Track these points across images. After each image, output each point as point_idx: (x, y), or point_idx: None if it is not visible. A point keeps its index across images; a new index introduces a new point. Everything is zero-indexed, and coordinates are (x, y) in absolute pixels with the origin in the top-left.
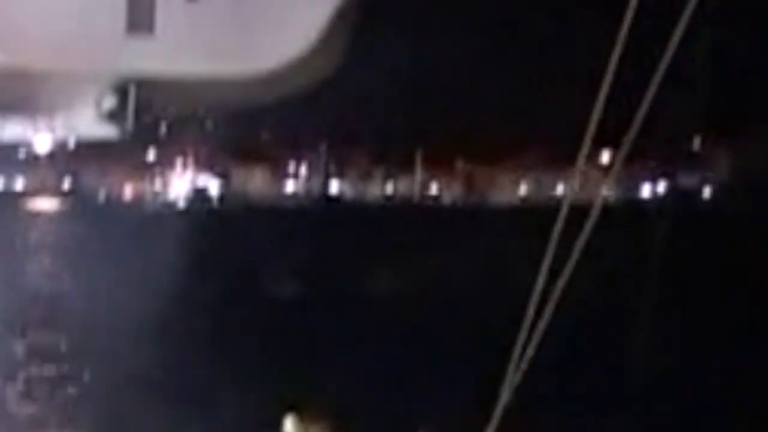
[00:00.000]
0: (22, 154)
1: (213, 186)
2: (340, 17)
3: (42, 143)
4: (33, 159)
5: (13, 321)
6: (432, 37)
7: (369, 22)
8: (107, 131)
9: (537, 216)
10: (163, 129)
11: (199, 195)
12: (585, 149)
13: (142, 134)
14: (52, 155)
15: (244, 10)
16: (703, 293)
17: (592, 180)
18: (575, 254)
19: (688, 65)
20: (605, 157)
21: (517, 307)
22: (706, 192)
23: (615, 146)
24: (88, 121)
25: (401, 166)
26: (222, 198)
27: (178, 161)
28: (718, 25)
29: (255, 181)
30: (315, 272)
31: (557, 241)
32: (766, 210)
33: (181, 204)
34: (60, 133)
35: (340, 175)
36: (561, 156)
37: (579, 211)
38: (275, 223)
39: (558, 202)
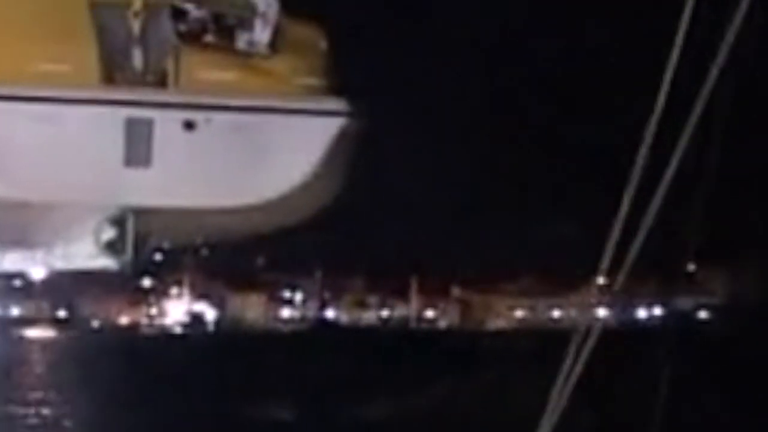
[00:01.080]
0: (19, 284)
1: (209, 312)
2: (336, 146)
3: (39, 273)
4: (29, 288)
5: None
6: (428, 166)
7: (365, 152)
8: (106, 262)
9: (532, 340)
10: (160, 257)
11: (195, 321)
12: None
13: (141, 264)
14: (49, 285)
15: (242, 139)
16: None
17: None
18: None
19: (683, 192)
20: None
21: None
22: (702, 314)
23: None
24: (86, 253)
25: (397, 292)
26: (218, 323)
27: (175, 288)
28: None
29: (251, 307)
30: (311, 397)
31: (555, 363)
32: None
33: (178, 330)
34: (58, 264)
35: (336, 302)
36: (555, 282)
37: (569, 334)
38: (271, 349)
39: (553, 325)
